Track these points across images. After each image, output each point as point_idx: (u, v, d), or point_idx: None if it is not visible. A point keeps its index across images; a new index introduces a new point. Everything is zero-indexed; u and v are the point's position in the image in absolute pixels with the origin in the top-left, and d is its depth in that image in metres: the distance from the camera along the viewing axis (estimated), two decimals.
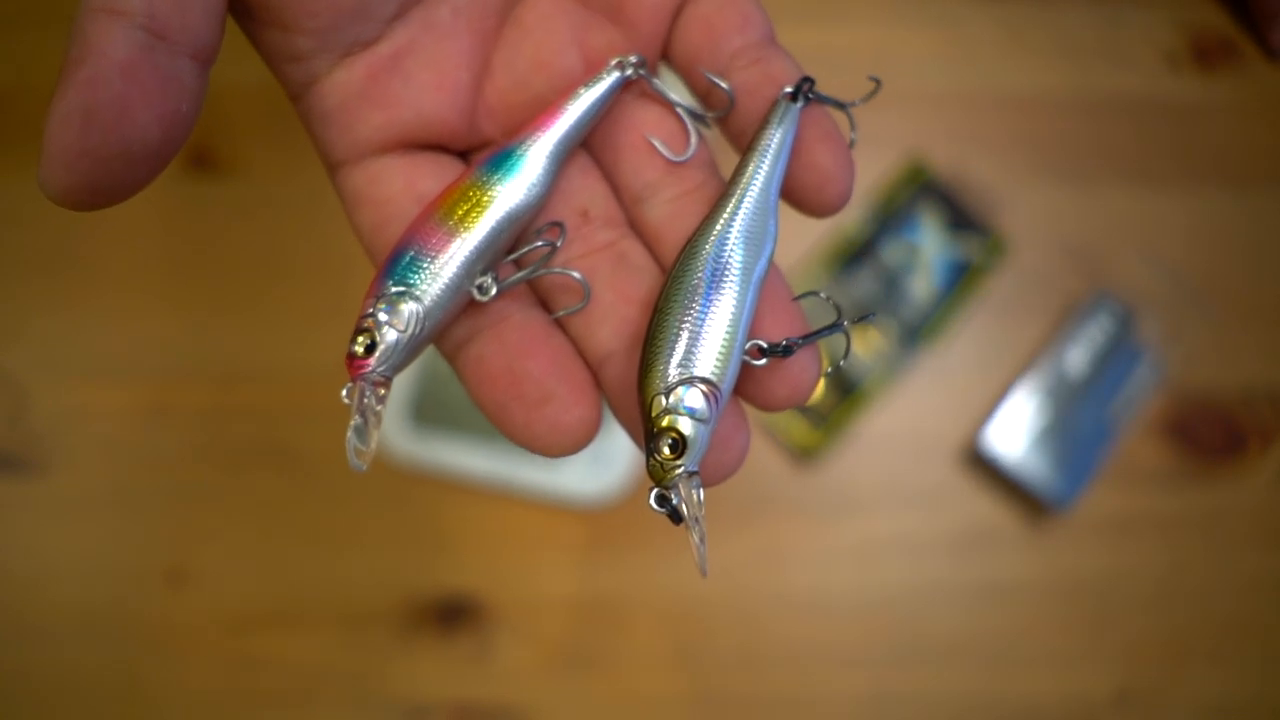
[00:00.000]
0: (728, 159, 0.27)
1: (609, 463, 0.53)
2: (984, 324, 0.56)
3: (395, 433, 0.53)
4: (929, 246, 0.57)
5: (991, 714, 0.53)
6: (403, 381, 0.54)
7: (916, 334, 0.56)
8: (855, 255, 0.57)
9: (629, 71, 0.27)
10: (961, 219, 0.57)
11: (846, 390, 0.55)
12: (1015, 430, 0.54)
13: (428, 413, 0.54)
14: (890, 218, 0.57)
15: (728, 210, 0.25)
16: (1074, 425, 0.54)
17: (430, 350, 0.27)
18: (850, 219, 0.57)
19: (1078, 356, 0.55)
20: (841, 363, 0.28)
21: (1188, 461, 0.55)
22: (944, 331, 0.56)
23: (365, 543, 0.54)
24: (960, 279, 0.56)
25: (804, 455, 0.54)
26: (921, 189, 0.57)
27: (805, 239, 0.57)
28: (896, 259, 0.57)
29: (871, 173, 0.58)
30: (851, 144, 0.26)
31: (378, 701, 0.52)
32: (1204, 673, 0.53)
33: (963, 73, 0.60)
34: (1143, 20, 0.60)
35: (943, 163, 0.58)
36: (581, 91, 0.27)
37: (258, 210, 0.57)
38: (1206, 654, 0.53)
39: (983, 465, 0.55)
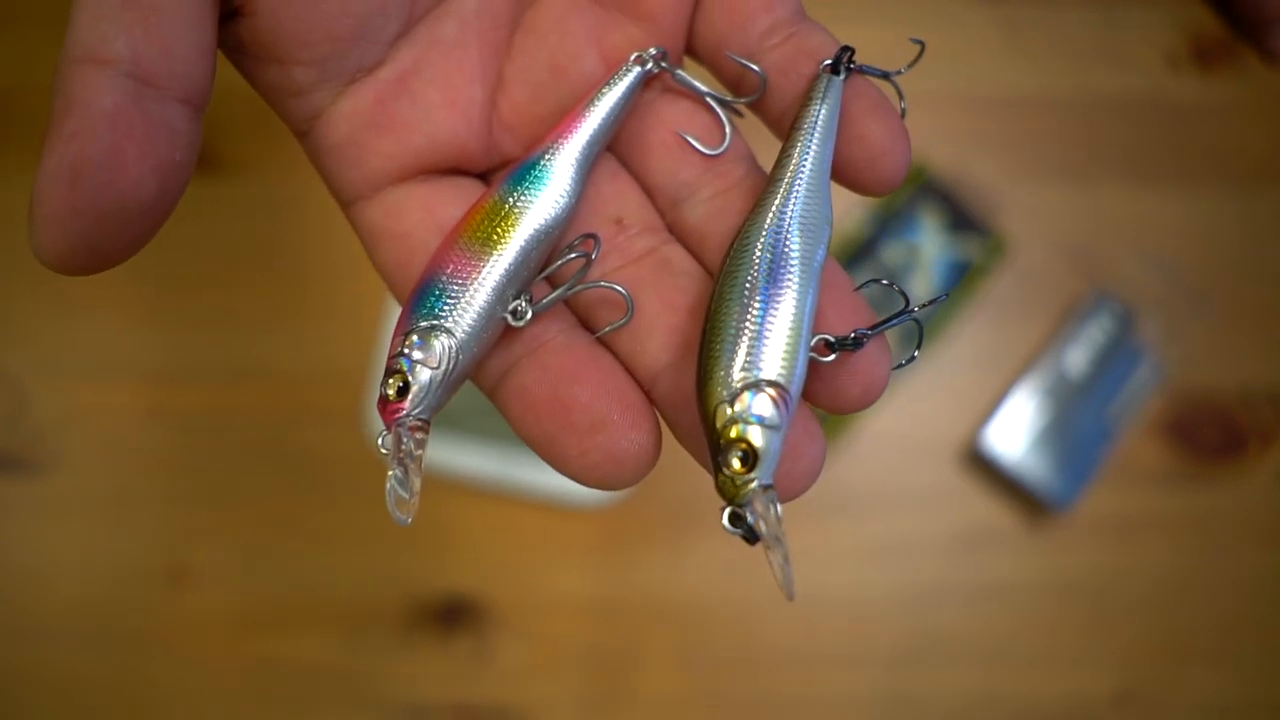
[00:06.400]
0: (762, 149, 0.26)
1: None
2: (984, 324, 0.56)
3: None
4: (929, 247, 0.57)
5: (991, 714, 0.53)
6: None
7: (916, 334, 0.56)
8: (855, 256, 0.57)
9: (649, 65, 0.25)
10: (961, 219, 0.57)
11: None
12: (1015, 430, 0.54)
13: None
14: (890, 218, 0.57)
15: (779, 196, 0.23)
16: (1074, 425, 0.54)
17: None
18: (850, 219, 0.57)
19: (1078, 357, 0.55)
20: (916, 353, 0.25)
21: (1188, 462, 0.55)
22: (944, 332, 0.56)
23: (365, 543, 0.54)
24: (960, 279, 0.56)
25: None
26: (921, 189, 0.57)
27: None
28: (897, 259, 0.57)
29: None
30: (902, 114, 0.24)
31: (377, 702, 0.52)
32: (1203, 673, 0.53)
33: (963, 73, 0.60)
34: (1142, 21, 0.60)
35: (943, 163, 0.58)
36: (602, 92, 0.25)
37: (258, 210, 0.57)
38: (1206, 654, 0.53)
39: (983, 465, 0.55)
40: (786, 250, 0.22)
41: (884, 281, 0.25)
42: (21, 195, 0.19)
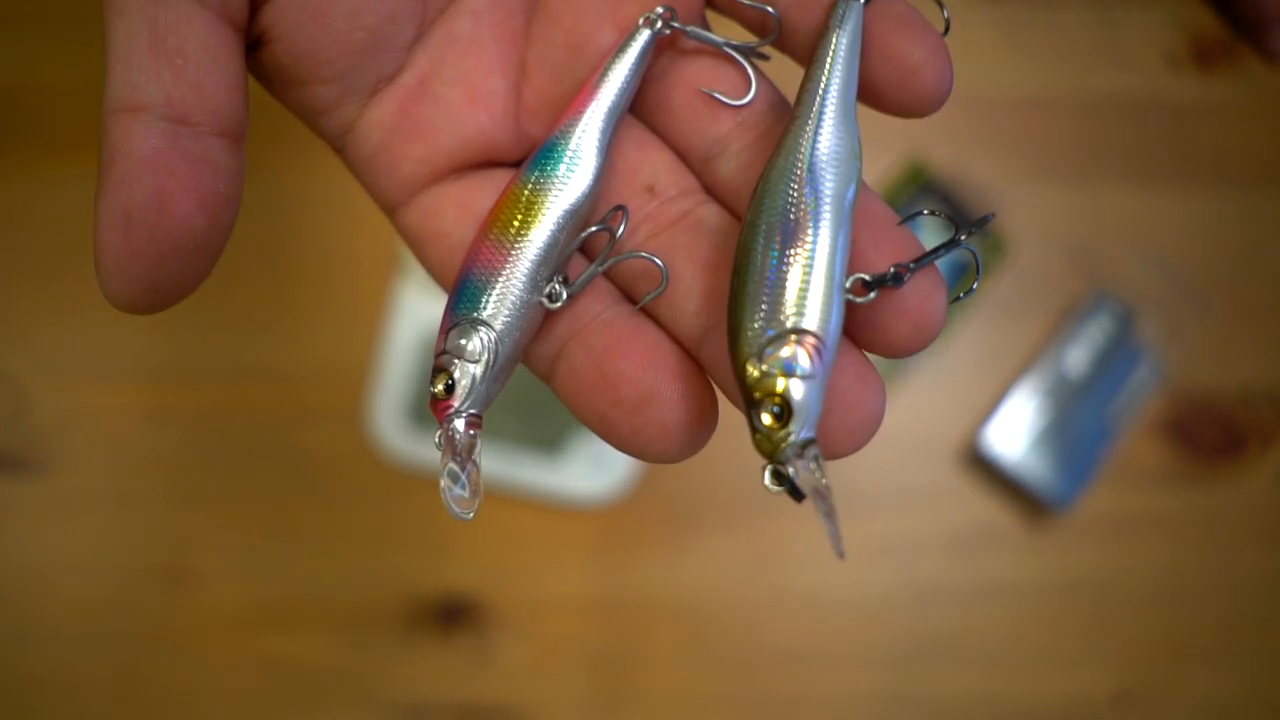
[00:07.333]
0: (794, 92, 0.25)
1: (610, 463, 0.53)
2: (984, 324, 0.56)
3: (394, 433, 0.53)
4: (928, 246, 0.57)
5: (991, 714, 0.53)
6: (402, 381, 0.54)
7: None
8: None
9: (659, 26, 0.24)
10: (961, 219, 0.57)
11: None
12: (1015, 430, 0.54)
13: (428, 413, 0.54)
14: None
15: (800, 133, 0.22)
16: (1074, 425, 0.54)
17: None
18: None
19: (1078, 356, 0.55)
20: (975, 285, 0.23)
21: (1187, 461, 0.55)
22: (944, 332, 0.56)
23: (365, 543, 0.54)
24: (960, 279, 0.56)
25: None
26: (921, 189, 0.57)
27: None
28: None
29: (871, 173, 0.58)
30: (946, 30, 0.23)
31: (377, 702, 0.52)
32: (1203, 673, 0.53)
33: (962, 73, 0.59)
34: (1142, 21, 0.60)
35: (942, 163, 0.58)
36: (612, 62, 0.24)
37: (258, 210, 0.57)
38: (1206, 654, 0.53)
39: (983, 465, 0.55)
40: (812, 190, 0.21)
41: (929, 211, 0.24)
42: (21, 195, 0.19)
